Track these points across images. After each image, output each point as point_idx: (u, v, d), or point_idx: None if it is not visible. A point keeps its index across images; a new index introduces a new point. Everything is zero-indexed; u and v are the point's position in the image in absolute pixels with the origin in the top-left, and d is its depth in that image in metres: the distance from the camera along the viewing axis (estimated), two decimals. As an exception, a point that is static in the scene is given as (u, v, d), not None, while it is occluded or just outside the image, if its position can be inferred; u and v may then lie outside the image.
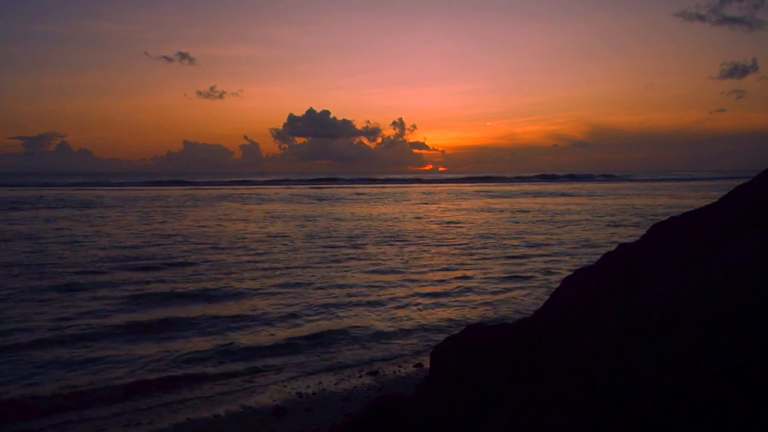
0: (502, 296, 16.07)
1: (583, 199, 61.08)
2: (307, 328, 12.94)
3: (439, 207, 53.06)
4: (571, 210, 46.47)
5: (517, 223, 36.74)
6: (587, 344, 3.85)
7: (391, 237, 29.41)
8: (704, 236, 4.33)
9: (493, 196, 69.75)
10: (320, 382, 9.72)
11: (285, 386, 9.58)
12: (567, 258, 22.35)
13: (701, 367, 3.03)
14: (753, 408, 2.73)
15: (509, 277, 18.67)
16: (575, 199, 61.28)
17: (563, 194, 72.23)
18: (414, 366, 10.47)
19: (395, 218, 40.63)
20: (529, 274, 19.31)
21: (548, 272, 19.43)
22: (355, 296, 16.05)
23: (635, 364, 3.38)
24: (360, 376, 10.01)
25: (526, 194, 73.99)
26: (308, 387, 9.50)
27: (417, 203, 58.66)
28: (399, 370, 10.27)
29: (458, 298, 15.85)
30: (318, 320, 13.61)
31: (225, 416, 8.31)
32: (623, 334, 3.65)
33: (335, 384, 9.64)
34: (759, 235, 3.87)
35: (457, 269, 20.21)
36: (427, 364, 7.39)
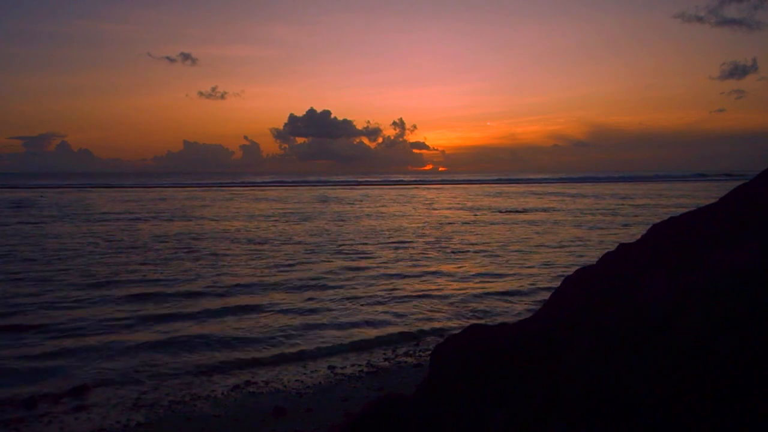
0: (502, 296, 16.06)
1: (584, 200, 61.08)
2: (306, 329, 12.93)
3: (442, 207, 53.06)
4: (571, 210, 46.48)
5: (517, 223, 36.76)
6: (587, 344, 3.85)
7: (394, 238, 29.43)
8: (704, 236, 4.33)
9: (493, 195, 69.83)
10: (320, 383, 9.72)
11: (285, 386, 9.58)
12: (567, 257, 22.36)
13: (701, 368, 3.03)
14: (753, 409, 2.72)
15: (510, 277, 18.66)
16: (576, 200, 61.28)
17: (564, 195, 72.22)
18: (414, 366, 10.46)
19: (400, 219, 40.61)
20: (530, 273, 19.30)
21: (548, 272, 19.42)
22: (356, 296, 16.05)
23: (634, 364, 3.38)
24: (360, 376, 10.00)
25: (528, 194, 74.01)
26: (308, 387, 9.50)
27: (420, 204, 58.65)
28: (399, 371, 10.27)
29: (459, 299, 15.84)
30: (318, 320, 13.61)
31: (225, 416, 8.31)
32: (623, 334, 3.65)
33: (335, 384, 9.63)
34: (759, 235, 3.87)
35: (456, 269, 20.21)
36: (427, 364, 7.38)
